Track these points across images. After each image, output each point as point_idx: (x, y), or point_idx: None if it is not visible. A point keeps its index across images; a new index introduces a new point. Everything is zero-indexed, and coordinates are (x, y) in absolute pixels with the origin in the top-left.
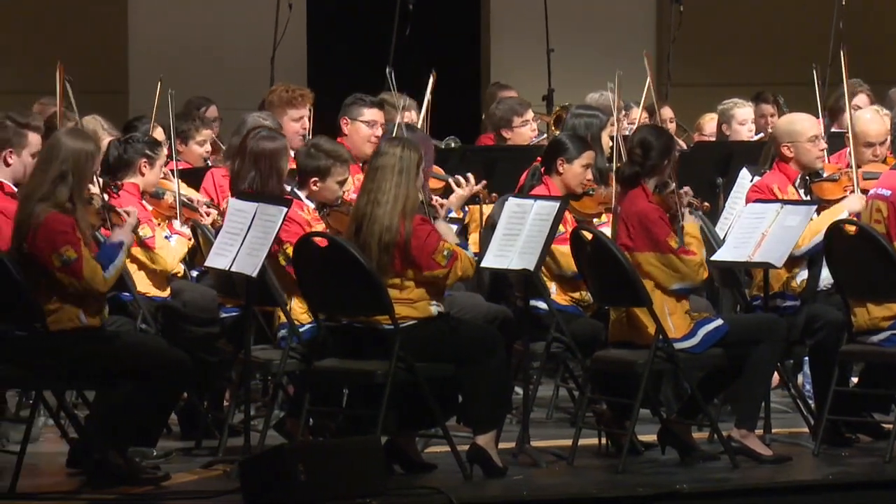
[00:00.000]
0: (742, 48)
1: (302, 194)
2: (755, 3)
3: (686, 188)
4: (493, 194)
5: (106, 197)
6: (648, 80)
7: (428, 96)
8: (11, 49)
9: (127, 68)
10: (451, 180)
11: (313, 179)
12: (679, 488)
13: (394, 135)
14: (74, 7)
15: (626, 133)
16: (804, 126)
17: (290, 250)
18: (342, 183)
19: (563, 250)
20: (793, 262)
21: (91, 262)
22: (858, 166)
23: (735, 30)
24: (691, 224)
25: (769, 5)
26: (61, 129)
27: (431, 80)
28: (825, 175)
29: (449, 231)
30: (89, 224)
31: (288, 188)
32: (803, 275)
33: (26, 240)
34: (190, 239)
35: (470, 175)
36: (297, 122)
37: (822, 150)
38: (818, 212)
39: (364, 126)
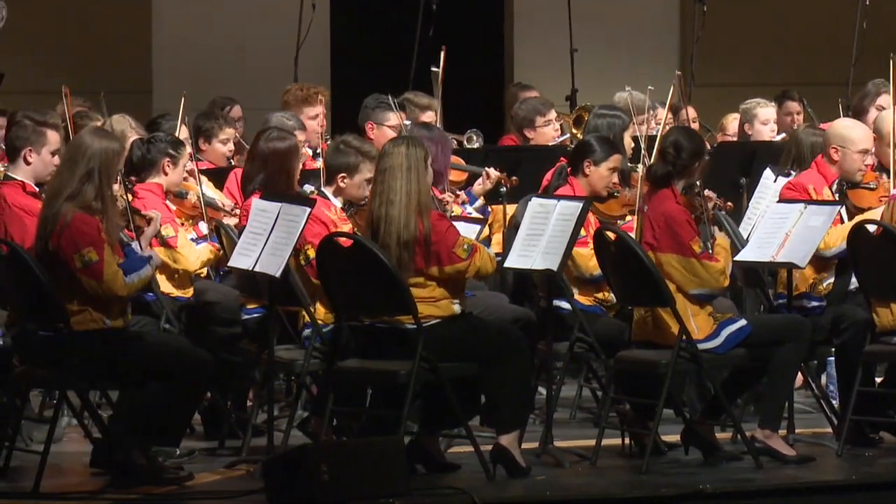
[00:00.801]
0: (765, 48)
1: (329, 192)
2: (778, 3)
3: (710, 192)
4: (514, 178)
5: (130, 197)
6: (671, 94)
7: (440, 73)
8: (36, 49)
9: (151, 68)
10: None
11: (341, 175)
12: (702, 489)
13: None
14: (98, 7)
15: (654, 134)
16: (859, 136)
17: (310, 251)
18: (370, 181)
19: (582, 252)
20: (822, 265)
21: (112, 265)
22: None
23: (758, 30)
24: (723, 237)
25: (792, 5)
26: (85, 129)
27: (442, 55)
28: (862, 183)
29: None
30: (116, 225)
31: (312, 188)
32: (831, 279)
33: (51, 238)
34: (219, 250)
35: (492, 169)
36: (314, 121)
37: (868, 165)
38: (850, 218)
39: (390, 131)
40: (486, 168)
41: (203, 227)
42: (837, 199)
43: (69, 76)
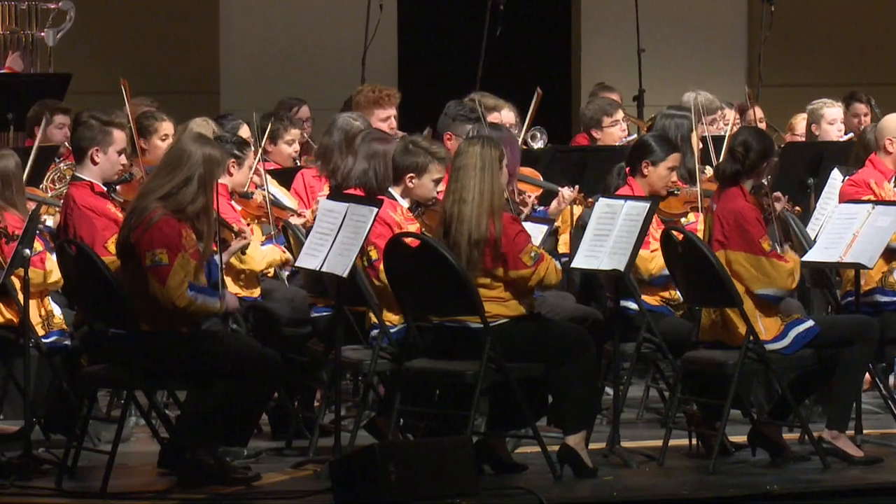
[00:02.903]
0: (833, 48)
1: (396, 192)
2: (846, 3)
3: (777, 193)
4: (590, 199)
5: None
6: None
7: (530, 114)
8: (104, 50)
9: (218, 68)
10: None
11: (409, 175)
12: (769, 489)
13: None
14: (166, 8)
15: (722, 134)
16: None
17: (373, 253)
18: (438, 182)
19: (642, 255)
20: (892, 255)
21: (180, 274)
22: None
23: (826, 30)
24: (793, 254)
25: (860, 5)
26: (186, 134)
27: (536, 97)
28: None
29: (535, 231)
30: (210, 234)
31: None
32: None
33: (134, 230)
34: (285, 252)
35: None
36: (384, 123)
37: None
38: None
39: None
40: (561, 189)
41: (272, 231)
42: None
43: (137, 77)
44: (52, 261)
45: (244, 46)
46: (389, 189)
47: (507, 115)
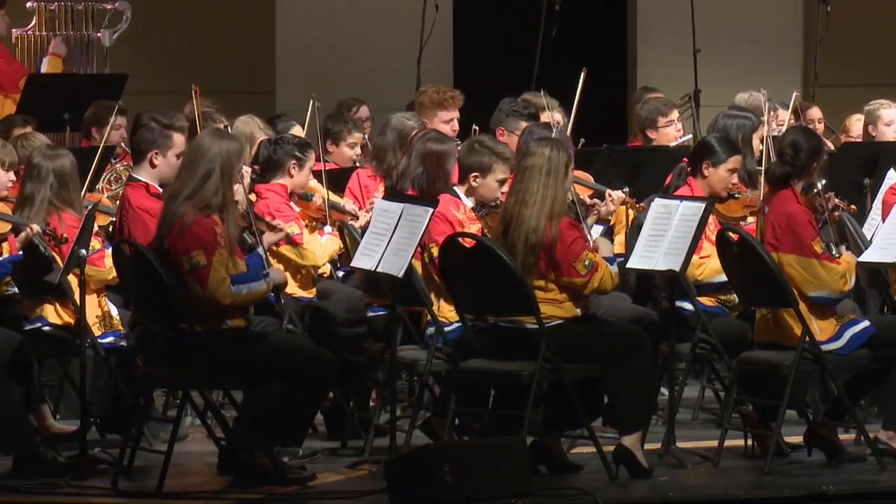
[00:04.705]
0: (889, 48)
1: (460, 191)
2: None
3: (830, 193)
4: (641, 204)
5: (254, 198)
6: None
7: (578, 94)
8: (160, 50)
9: (274, 69)
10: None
11: (474, 175)
12: (825, 490)
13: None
14: (223, 8)
15: (776, 134)
16: None
17: (434, 250)
18: (502, 182)
19: (693, 260)
20: None
21: (220, 272)
22: None
23: (883, 30)
24: (849, 254)
25: None
26: (203, 130)
27: (582, 77)
28: None
29: (605, 246)
30: (236, 226)
31: None
32: None
33: (167, 237)
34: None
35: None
36: (447, 125)
37: None
38: None
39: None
40: (609, 191)
41: (327, 230)
42: None
43: (193, 77)
44: (111, 258)
45: (300, 47)
46: (454, 187)
47: (555, 117)
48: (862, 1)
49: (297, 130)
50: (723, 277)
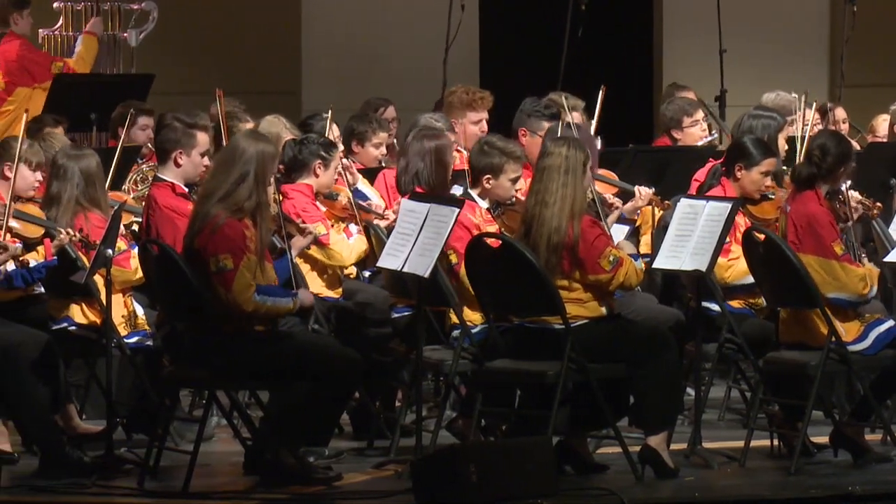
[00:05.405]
0: None
1: (475, 194)
2: None
3: (855, 193)
4: (666, 202)
5: (280, 198)
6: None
7: (597, 110)
8: (186, 50)
9: (300, 69)
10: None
11: (486, 177)
12: (851, 490)
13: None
14: (249, 8)
15: (801, 135)
16: None
17: (452, 257)
18: (515, 181)
19: (719, 262)
20: None
21: (246, 277)
22: None
23: None
24: (872, 266)
25: None
26: (241, 131)
27: (601, 95)
28: None
29: (628, 247)
30: (268, 229)
31: (461, 189)
32: None
33: (198, 236)
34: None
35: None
36: (476, 126)
37: None
38: None
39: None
40: (638, 187)
41: (353, 230)
42: None
43: (219, 77)
44: (137, 259)
45: (326, 46)
46: (469, 191)
47: (577, 118)
48: (888, 1)
49: (335, 130)
50: (751, 279)
